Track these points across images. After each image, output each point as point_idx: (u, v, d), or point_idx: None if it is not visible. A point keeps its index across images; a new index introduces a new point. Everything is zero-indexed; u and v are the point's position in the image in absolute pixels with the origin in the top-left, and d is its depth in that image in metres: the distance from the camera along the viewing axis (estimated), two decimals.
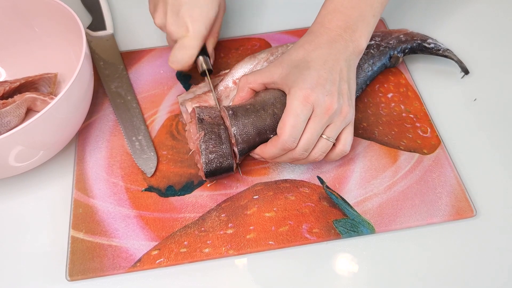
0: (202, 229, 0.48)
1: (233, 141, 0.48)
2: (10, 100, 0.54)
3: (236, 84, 0.55)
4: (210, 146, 0.47)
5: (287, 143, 0.45)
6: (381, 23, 0.66)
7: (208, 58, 0.55)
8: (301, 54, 0.48)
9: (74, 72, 0.47)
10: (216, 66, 0.62)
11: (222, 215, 0.49)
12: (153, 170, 0.52)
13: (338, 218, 0.49)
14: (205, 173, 0.48)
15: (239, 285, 0.46)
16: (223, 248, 0.47)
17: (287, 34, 0.65)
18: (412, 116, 0.56)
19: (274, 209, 0.50)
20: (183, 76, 0.61)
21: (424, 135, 0.55)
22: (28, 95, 0.54)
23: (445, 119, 0.57)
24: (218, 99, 0.54)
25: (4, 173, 0.50)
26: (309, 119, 0.45)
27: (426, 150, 0.53)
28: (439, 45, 0.59)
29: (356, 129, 0.55)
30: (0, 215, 0.51)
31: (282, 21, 0.67)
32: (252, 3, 0.70)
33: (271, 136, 0.48)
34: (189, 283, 0.46)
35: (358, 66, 0.53)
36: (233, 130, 0.48)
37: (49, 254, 0.48)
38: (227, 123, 0.48)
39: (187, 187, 0.51)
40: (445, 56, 0.59)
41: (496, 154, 0.54)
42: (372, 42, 0.58)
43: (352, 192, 0.51)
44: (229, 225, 0.49)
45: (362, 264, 0.47)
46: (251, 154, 0.50)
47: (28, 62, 0.60)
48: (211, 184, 0.52)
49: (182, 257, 0.47)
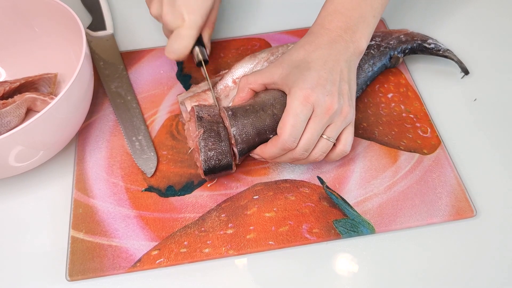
0: (202, 229, 0.48)
1: (233, 141, 0.48)
2: (10, 100, 0.53)
3: (236, 84, 0.55)
4: (209, 143, 0.47)
5: (287, 143, 0.45)
6: (381, 23, 0.66)
7: (204, 49, 0.56)
8: (302, 55, 0.48)
9: (74, 72, 0.47)
10: (216, 66, 0.62)
11: (222, 215, 0.49)
12: (153, 170, 0.52)
13: (338, 218, 0.49)
14: (204, 171, 0.48)
15: (239, 285, 0.46)
16: (223, 248, 0.47)
17: (287, 34, 0.65)
18: (412, 116, 0.56)
19: (274, 209, 0.50)
20: (183, 76, 0.61)
21: (424, 135, 0.55)
22: (28, 95, 0.54)
23: (445, 119, 0.57)
24: (217, 98, 0.54)
25: (4, 173, 0.50)
26: (309, 119, 0.45)
27: (426, 150, 0.53)
28: (439, 46, 0.59)
29: (356, 129, 0.55)
30: (0, 215, 0.51)
31: (282, 21, 0.67)
32: (252, 3, 0.70)
33: (271, 136, 0.48)
34: (189, 283, 0.46)
35: (358, 67, 0.53)
36: (233, 131, 0.48)
37: (49, 254, 0.48)
38: (227, 123, 0.49)
39: (187, 187, 0.51)
40: (445, 57, 0.59)
41: (496, 154, 0.54)
42: (373, 42, 0.58)
43: (352, 192, 0.51)
44: (229, 225, 0.49)
45: (362, 264, 0.47)
46: (251, 154, 0.50)
47: (28, 62, 0.59)
48: (211, 184, 0.52)
49: (182, 257, 0.47)
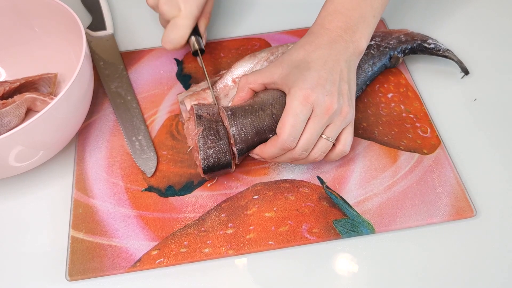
0: (202, 229, 0.48)
1: (232, 141, 0.48)
2: (10, 100, 0.53)
3: (235, 83, 0.55)
4: (209, 141, 0.48)
5: (286, 143, 0.45)
6: (381, 23, 0.66)
7: (200, 38, 0.56)
8: (302, 55, 0.48)
9: (74, 72, 0.47)
10: (216, 66, 0.62)
11: (222, 215, 0.49)
12: (153, 170, 0.52)
13: (338, 218, 0.49)
14: (203, 169, 0.48)
15: (239, 285, 0.46)
16: (223, 248, 0.47)
17: (287, 34, 0.65)
18: (412, 116, 0.56)
19: (274, 209, 0.50)
20: (183, 76, 0.61)
21: (424, 135, 0.55)
22: (28, 95, 0.54)
23: (445, 119, 0.57)
24: (216, 97, 0.54)
25: (4, 173, 0.50)
26: (309, 119, 0.46)
27: (426, 150, 0.53)
28: (439, 46, 0.59)
29: (356, 129, 0.55)
30: (0, 215, 0.51)
31: (282, 21, 0.67)
32: (252, 3, 0.70)
33: (270, 136, 0.48)
34: (189, 283, 0.46)
35: (358, 67, 0.53)
36: (232, 130, 0.48)
37: (49, 254, 0.48)
38: (226, 123, 0.49)
39: (187, 187, 0.51)
40: (445, 57, 0.59)
41: (496, 154, 0.54)
42: (372, 42, 0.58)
43: (352, 192, 0.51)
44: (229, 225, 0.49)
45: (362, 264, 0.47)
46: (250, 154, 0.50)
47: (28, 62, 0.59)
48: (211, 184, 0.52)
49: (182, 257, 0.47)
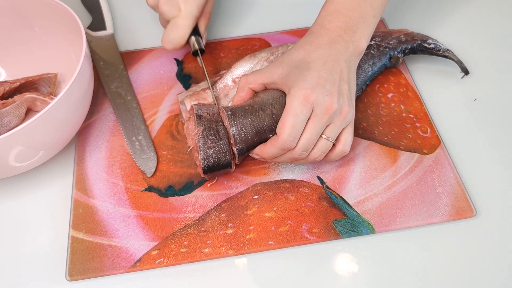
0: (202, 229, 0.48)
1: (232, 141, 0.48)
2: (10, 100, 0.53)
3: (235, 83, 0.55)
4: (208, 141, 0.48)
5: (286, 143, 0.45)
6: (381, 23, 0.66)
7: (200, 38, 0.56)
8: (302, 55, 0.48)
9: (74, 72, 0.47)
10: (216, 66, 0.62)
11: (222, 215, 0.49)
12: (153, 170, 0.52)
13: (338, 218, 0.49)
14: (203, 169, 0.48)
15: (239, 285, 0.46)
16: (223, 248, 0.47)
17: (287, 34, 0.65)
18: (412, 116, 0.56)
19: (274, 209, 0.50)
20: (183, 76, 0.61)
21: (424, 135, 0.55)
22: (28, 95, 0.54)
23: (445, 119, 0.57)
24: (216, 98, 0.54)
25: (4, 173, 0.50)
26: (309, 119, 0.45)
27: (426, 150, 0.53)
28: (439, 46, 0.59)
29: (356, 129, 0.55)
30: (0, 215, 0.51)
31: (282, 21, 0.67)
32: (252, 3, 0.70)
33: (270, 136, 0.48)
34: (189, 283, 0.46)
35: (358, 67, 0.53)
36: (232, 130, 0.48)
37: (49, 254, 0.48)
38: (226, 123, 0.49)
39: (187, 187, 0.51)
40: (445, 57, 0.59)
41: (496, 154, 0.54)
42: (372, 42, 0.58)
43: (352, 192, 0.51)
44: (229, 225, 0.49)
45: (362, 264, 0.47)
46: (250, 154, 0.50)
47: (28, 62, 0.59)
48: (211, 184, 0.52)
49: (182, 257, 0.47)
